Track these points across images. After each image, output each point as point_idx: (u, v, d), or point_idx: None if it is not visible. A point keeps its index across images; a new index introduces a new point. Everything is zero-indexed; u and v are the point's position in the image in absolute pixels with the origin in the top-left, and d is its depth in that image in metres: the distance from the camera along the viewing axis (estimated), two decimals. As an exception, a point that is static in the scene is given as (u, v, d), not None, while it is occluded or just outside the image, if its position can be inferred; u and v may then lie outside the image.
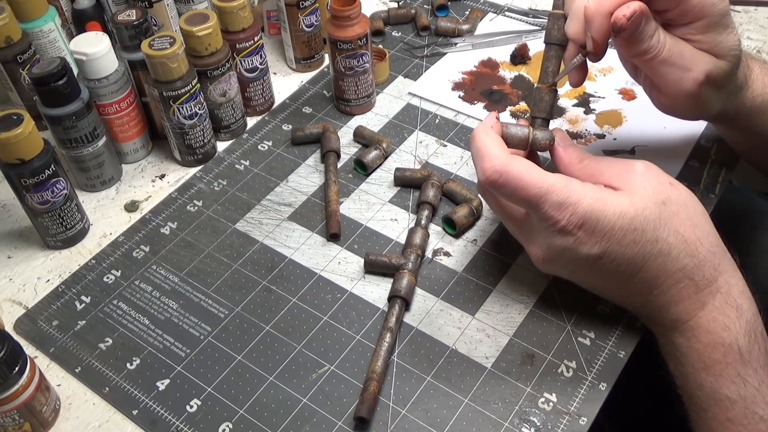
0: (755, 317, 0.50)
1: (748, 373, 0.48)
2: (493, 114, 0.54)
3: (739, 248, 0.53)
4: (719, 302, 0.50)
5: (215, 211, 0.69)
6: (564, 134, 0.56)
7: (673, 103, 0.57)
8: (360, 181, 0.71)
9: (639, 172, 0.51)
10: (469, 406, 0.54)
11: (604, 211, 0.49)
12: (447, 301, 0.60)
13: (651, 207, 0.49)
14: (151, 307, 0.62)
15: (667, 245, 0.49)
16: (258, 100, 0.79)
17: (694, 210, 0.51)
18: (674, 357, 0.52)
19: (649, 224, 0.49)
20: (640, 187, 0.50)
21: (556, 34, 0.55)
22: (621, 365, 0.55)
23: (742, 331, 0.49)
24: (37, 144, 0.61)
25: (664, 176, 0.51)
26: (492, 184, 0.50)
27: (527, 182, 0.49)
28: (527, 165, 0.50)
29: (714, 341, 0.49)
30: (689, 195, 0.52)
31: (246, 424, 0.53)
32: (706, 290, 0.50)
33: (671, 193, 0.50)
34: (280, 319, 0.60)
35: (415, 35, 0.89)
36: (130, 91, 0.71)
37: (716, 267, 0.50)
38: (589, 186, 0.50)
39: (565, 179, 0.50)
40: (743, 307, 0.49)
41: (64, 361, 0.58)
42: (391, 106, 0.79)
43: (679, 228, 0.50)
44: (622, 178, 0.51)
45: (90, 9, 0.76)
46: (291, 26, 0.81)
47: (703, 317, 0.50)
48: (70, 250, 0.67)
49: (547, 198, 0.49)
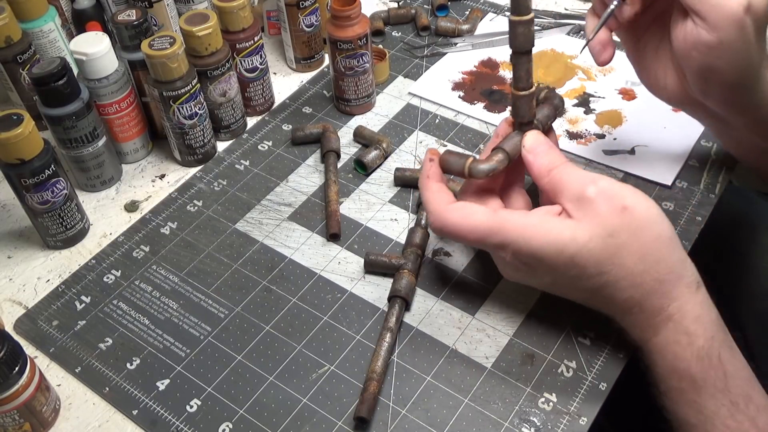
0: (710, 341, 0.48)
1: (704, 398, 0.48)
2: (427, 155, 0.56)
3: (739, 248, 0.53)
4: (670, 330, 0.49)
5: (215, 211, 0.69)
6: (536, 138, 0.54)
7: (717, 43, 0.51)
8: (360, 181, 0.71)
9: (588, 199, 0.49)
10: (469, 406, 0.54)
11: (542, 249, 0.49)
12: (447, 301, 0.60)
13: (595, 240, 0.48)
14: (151, 307, 0.62)
15: (613, 277, 0.49)
16: (258, 100, 0.79)
17: (646, 237, 0.49)
18: (646, 374, 0.53)
19: (592, 259, 0.49)
20: (587, 218, 0.49)
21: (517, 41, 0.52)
22: (621, 365, 0.55)
23: (694, 358, 0.48)
24: (37, 144, 0.61)
25: (617, 199, 0.49)
26: (438, 234, 0.54)
27: (464, 232, 0.52)
28: (464, 214, 0.52)
29: (669, 368, 0.50)
30: (644, 219, 0.49)
31: (246, 424, 0.53)
32: (656, 318, 0.50)
33: (621, 222, 0.48)
34: (280, 319, 0.60)
35: (415, 35, 0.89)
36: (130, 91, 0.71)
37: (667, 295, 0.49)
38: (531, 222, 0.50)
39: (501, 221, 0.50)
40: (696, 334, 0.48)
41: (64, 361, 0.58)
42: (391, 106, 0.79)
43: (625, 260, 0.49)
44: (575, 204, 0.50)
45: (90, 9, 0.76)
46: (291, 26, 0.81)
47: (657, 344, 0.50)
48: (70, 250, 0.67)
49: (487, 241, 0.51)
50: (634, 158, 0.70)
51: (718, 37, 0.51)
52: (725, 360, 0.48)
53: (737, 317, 0.76)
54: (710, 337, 0.48)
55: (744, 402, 0.47)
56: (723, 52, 0.52)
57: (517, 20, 0.51)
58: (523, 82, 0.53)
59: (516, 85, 0.53)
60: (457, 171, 0.54)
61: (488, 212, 0.51)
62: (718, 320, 0.50)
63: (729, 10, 0.50)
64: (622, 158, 0.71)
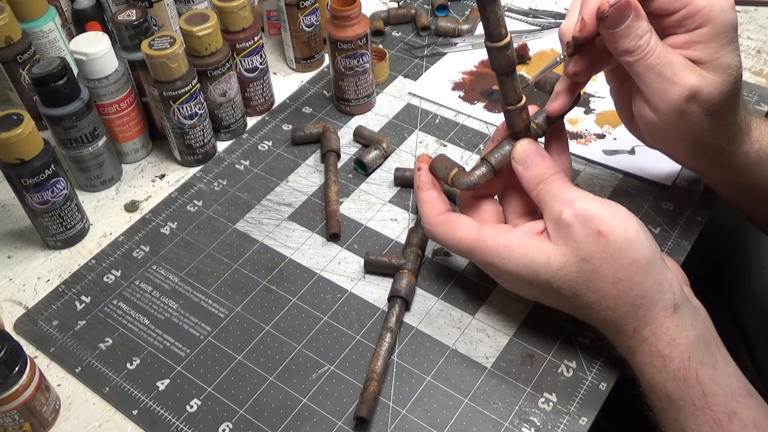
0: (686, 362, 0.48)
1: (685, 416, 0.48)
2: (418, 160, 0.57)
3: (739, 248, 0.53)
4: (645, 353, 0.49)
5: (215, 211, 0.69)
6: (527, 148, 0.53)
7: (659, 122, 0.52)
8: (360, 181, 0.71)
9: (564, 223, 0.49)
10: (469, 406, 0.54)
11: (519, 272, 0.51)
12: (447, 301, 0.60)
13: (568, 267, 0.49)
14: (151, 307, 0.62)
15: (587, 300, 0.50)
16: (258, 100, 0.79)
17: (621, 262, 0.48)
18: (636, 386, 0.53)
19: (566, 284, 0.50)
20: (562, 242, 0.49)
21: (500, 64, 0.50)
22: (621, 365, 0.55)
23: (669, 379, 0.48)
24: (37, 144, 0.61)
25: (592, 224, 0.48)
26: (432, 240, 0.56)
27: (451, 245, 0.55)
28: (449, 228, 0.54)
29: (647, 386, 0.50)
30: (619, 244, 0.48)
31: (246, 424, 0.53)
32: (632, 340, 0.50)
33: (595, 248, 0.48)
34: (280, 319, 0.60)
35: (415, 35, 0.89)
36: (130, 91, 0.71)
37: (641, 318, 0.49)
38: (511, 243, 0.51)
39: (482, 243, 0.53)
40: (671, 356, 0.48)
41: (64, 361, 0.58)
42: (391, 106, 0.79)
43: (599, 284, 0.49)
44: (552, 226, 0.50)
45: (90, 9, 0.76)
46: (291, 26, 0.81)
47: (636, 362, 0.50)
48: (70, 250, 0.67)
49: (472, 256, 0.54)
50: (634, 158, 0.70)
51: (660, 119, 0.52)
52: (704, 379, 0.47)
53: (738, 318, 0.76)
54: (686, 358, 0.48)
55: (728, 419, 0.46)
56: (665, 131, 0.53)
57: (492, 46, 0.49)
58: (510, 98, 0.52)
59: (504, 101, 0.53)
60: (443, 180, 0.56)
61: (472, 228, 0.53)
62: (696, 341, 0.48)
63: (670, 98, 0.50)
64: (622, 158, 0.71)
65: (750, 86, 0.77)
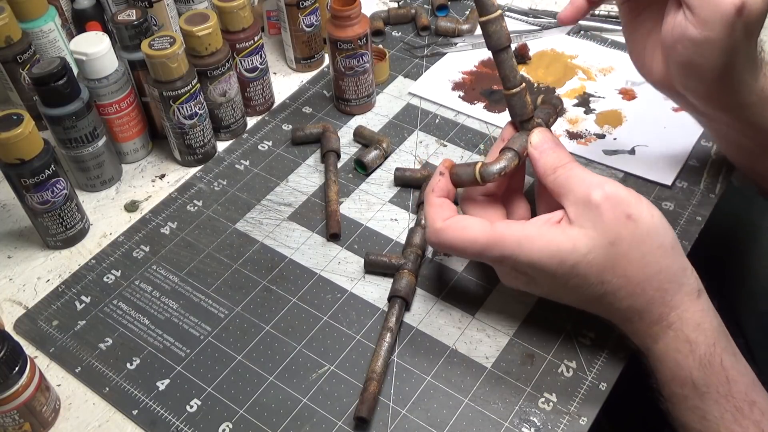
0: (712, 348, 0.48)
1: (708, 404, 0.48)
2: (438, 168, 0.55)
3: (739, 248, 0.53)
4: (671, 338, 0.49)
5: (215, 211, 0.69)
6: (543, 135, 0.54)
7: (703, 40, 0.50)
8: (360, 181, 0.71)
9: (593, 205, 0.48)
10: (469, 406, 0.54)
11: (541, 261, 0.49)
12: (447, 301, 0.60)
13: (596, 251, 0.48)
14: (151, 307, 0.62)
15: (613, 287, 0.49)
16: (258, 100, 0.79)
17: (649, 246, 0.48)
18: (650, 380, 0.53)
19: (593, 269, 0.49)
20: (590, 225, 0.49)
21: (491, 41, 0.52)
22: (621, 365, 0.55)
23: (695, 366, 0.48)
24: (37, 144, 0.61)
25: (622, 207, 0.48)
26: (437, 248, 0.54)
27: (461, 248, 0.52)
28: (462, 227, 0.51)
29: (670, 374, 0.50)
30: (648, 228, 0.49)
31: (246, 424, 0.53)
32: (656, 327, 0.50)
33: (624, 231, 0.48)
34: (280, 319, 0.60)
35: (415, 35, 0.89)
36: (130, 91, 0.71)
37: (667, 303, 0.49)
38: (530, 233, 0.50)
39: (499, 236, 0.50)
40: (697, 341, 0.48)
41: (64, 361, 0.58)
42: (391, 106, 0.79)
43: (627, 269, 0.48)
44: (578, 209, 0.49)
45: (90, 9, 0.76)
46: (291, 26, 0.81)
47: (658, 351, 0.50)
48: (70, 250, 0.67)
49: (486, 254, 0.51)
50: (634, 158, 0.70)
51: (705, 34, 0.50)
52: (728, 366, 0.48)
53: (738, 318, 0.76)
54: (711, 344, 0.48)
55: (748, 407, 0.47)
56: (707, 50, 0.51)
57: (486, 20, 0.51)
58: (510, 81, 0.53)
59: (505, 86, 0.53)
60: (468, 180, 0.54)
61: (485, 226, 0.51)
62: (719, 327, 0.49)
63: (721, 9, 0.49)
64: (622, 158, 0.71)
65: (750, 86, 0.77)
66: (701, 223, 0.64)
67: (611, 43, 0.85)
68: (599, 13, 0.88)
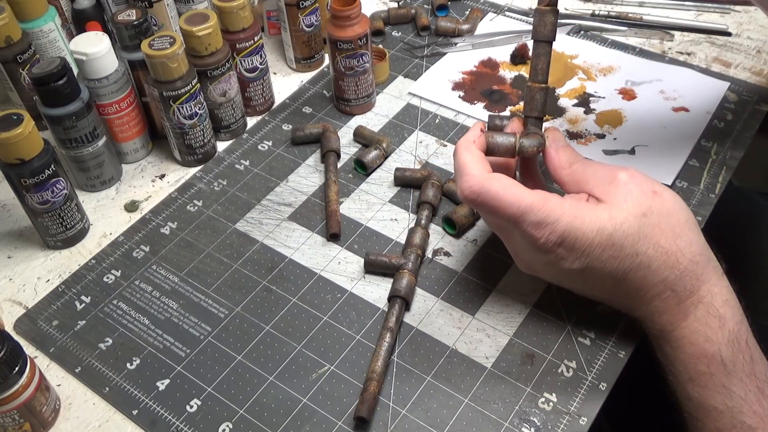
0: (739, 325, 0.49)
1: (733, 383, 0.48)
2: (478, 125, 0.55)
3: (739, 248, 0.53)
4: (701, 313, 0.49)
5: (215, 211, 0.69)
6: (557, 134, 0.55)
7: None
8: (360, 181, 0.71)
9: (621, 182, 0.51)
10: (469, 406, 0.54)
11: (582, 228, 0.49)
12: (447, 301, 0.60)
13: (630, 221, 0.49)
14: (151, 307, 0.62)
15: (647, 258, 0.49)
16: (258, 100, 0.79)
17: (677, 219, 0.50)
18: (664, 365, 0.52)
19: (628, 239, 0.49)
20: (620, 199, 0.50)
21: (544, 30, 0.54)
22: (621, 365, 0.55)
23: (724, 341, 0.48)
24: (37, 144, 0.61)
25: (647, 184, 0.51)
26: (470, 203, 0.51)
27: (505, 203, 0.50)
28: (505, 185, 0.50)
29: (697, 352, 0.49)
30: (674, 202, 0.51)
31: (246, 424, 0.53)
32: (687, 301, 0.50)
33: (653, 204, 0.50)
34: (280, 319, 0.60)
35: (415, 35, 0.89)
36: (130, 91, 0.71)
37: (698, 277, 0.50)
38: (568, 203, 0.50)
39: (543, 197, 0.50)
40: (726, 317, 0.49)
41: (64, 361, 0.58)
42: (391, 106, 0.79)
43: (660, 240, 0.49)
44: (605, 188, 0.51)
45: (90, 9, 0.76)
46: (291, 26, 0.81)
47: (686, 328, 0.50)
48: (70, 250, 0.67)
49: (526, 218, 0.49)
50: (634, 158, 0.70)
51: None
52: (752, 345, 0.49)
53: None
54: (739, 321, 0.49)
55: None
56: None
57: (547, 9, 0.53)
58: (542, 75, 0.55)
59: (536, 78, 0.55)
60: (504, 147, 0.54)
61: (528, 189, 0.50)
62: (740, 306, 0.50)
63: None
64: (622, 158, 0.71)
65: (750, 86, 0.77)
66: (701, 223, 0.64)
67: (611, 43, 0.85)
68: (599, 13, 0.88)
